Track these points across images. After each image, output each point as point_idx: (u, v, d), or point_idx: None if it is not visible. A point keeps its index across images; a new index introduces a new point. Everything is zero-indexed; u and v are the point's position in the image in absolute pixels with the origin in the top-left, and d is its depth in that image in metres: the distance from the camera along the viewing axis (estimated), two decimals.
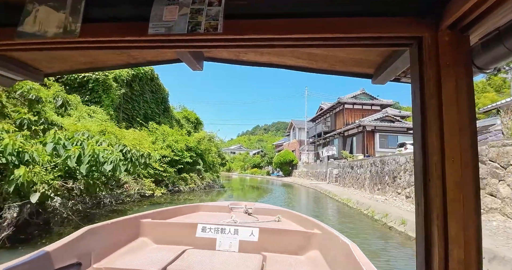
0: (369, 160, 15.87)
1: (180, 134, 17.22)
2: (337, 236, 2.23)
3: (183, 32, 0.91)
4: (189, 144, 17.17)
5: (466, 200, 0.77)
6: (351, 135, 28.16)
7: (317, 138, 34.32)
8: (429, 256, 0.80)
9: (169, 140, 15.27)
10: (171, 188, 14.44)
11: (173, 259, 2.19)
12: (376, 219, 8.76)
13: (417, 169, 0.86)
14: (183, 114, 24.06)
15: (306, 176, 31.95)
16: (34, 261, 1.60)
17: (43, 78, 1.47)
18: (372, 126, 25.86)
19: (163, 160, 13.87)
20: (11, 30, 0.96)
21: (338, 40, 0.94)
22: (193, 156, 17.03)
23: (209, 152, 18.78)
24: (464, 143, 0.79)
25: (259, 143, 76.01)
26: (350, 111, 30.20)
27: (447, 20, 0.81)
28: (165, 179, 14.18)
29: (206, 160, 19.27)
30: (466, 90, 0.81)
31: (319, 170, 28.56)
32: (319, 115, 36.09)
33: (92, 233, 2.11)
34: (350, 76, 1.39)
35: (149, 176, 12.75)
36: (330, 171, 23.59)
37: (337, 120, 31.88)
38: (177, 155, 15.39)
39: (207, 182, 17.86)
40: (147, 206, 10.23)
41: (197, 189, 16.67)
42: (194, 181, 16.28)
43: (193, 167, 17.17)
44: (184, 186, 15.27)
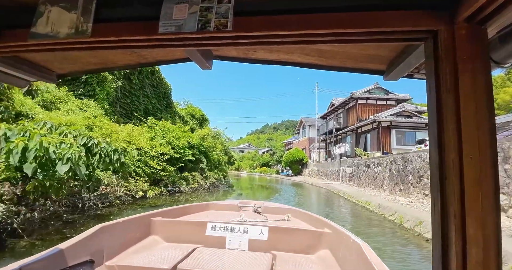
0: (388, 157, 14.21)
1: (182, 130, 15.97)
2: (348, 235, 2.16)
3: (193, 30, 0.89)
4: (192, 141, 15.90)
5: (484, 199, 0.72)
6: (365, 132, 26.39)
7: (328, 135, 32.59)
8: (446, 256, 0.77)
9: (169, 136, 14.02)
10: (171, 188, 13.18)
11: (184, 257, 2.18)
12: (406, 228, 7.22)
13: (433, 167, 0.82)
14: (188, 111, 22.86)
15: (317, 175, 30.33)
16: (49, 258, 1.62)
17: (56, 79, 1.46)
18: (388, 122, 24.03)
19: (161, 158, 12.62)
20: (24, 32, 0.97)
21: (350, 35, 0.89)
22: (196, 154, 15.76)
23: (213, 149, 17.44)
24: (483, 139, 0.74)
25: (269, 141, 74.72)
26: (364, 107, 28.39)
27: (463, 13, 0.76)
28: (164, 178, 12.93)
29: (210, 158, 17.98)
30: (484, 85, 0.76)
31: (330, 168, 26.92)
32: (330, 112, 34.34)
33: (104, 231, 2.11)
34: (361, 73, 1.34)
35: (144, 175, 11.50)
36: (343, 169, 21.94)
37: (349, 117, 30.10)
38: (178, 152, 14.13)
39: (212, 181, 16.54)
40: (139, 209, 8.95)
41: (200, 189, 15.38)
42: (196, 180, 14.99)
43: (196, 166, 15.90)
44: (186, 185, 13.99)
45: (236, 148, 73.24)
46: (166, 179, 13.00)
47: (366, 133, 26.30)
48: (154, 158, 12.33)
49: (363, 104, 28.49)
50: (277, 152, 48.43)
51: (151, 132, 13.66)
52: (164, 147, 13.30)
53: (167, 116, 17.83)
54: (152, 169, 11.99)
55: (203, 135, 16.73)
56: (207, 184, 15.94)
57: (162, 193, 12.48)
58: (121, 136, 10.55)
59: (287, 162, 36.93)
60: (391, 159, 13.58)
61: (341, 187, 17.86)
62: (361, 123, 26.16)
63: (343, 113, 31.57)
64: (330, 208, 11.80)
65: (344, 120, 30.99)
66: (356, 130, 27.83)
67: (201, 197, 13.58)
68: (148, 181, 12.13)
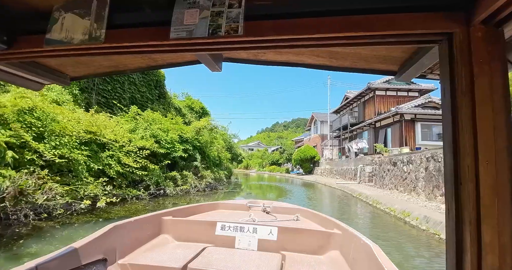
0: (423, 153, 11.22)
1: (174, 122, 13.46)
2: (358, 236, 2.12)
3: (204, 36, 0.89)
4: (185, 135, 13.36)
5: (501, 205, 0.70)
6: (385, 126, 23.24)
7: (342, 131, 29.51)
8: (460, 263, 0.75)
9: (154, 128, 11.50)
10: (154, 191, 10.65)
11: (194, 256, 2.17)
12: None
13: (448, 172, 0.81)
14: (186, 103, 20.38)
15: (330, 174, 27.35)
16: (64, 257, 1.63)
17: (70, 82, 1.47)
18: (412, 115, 20.84)
19: (140, 153, 10.10)
20: (39, 38, 0.98)
21: (361, 38, 0.87)
22: (189, 150, 13.21)
23: (212, 145, 14.84)
24: (500, 144, 0.72)
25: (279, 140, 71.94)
26: (382, 99, 25.20)
27: (480, 15, 0.74)
28: (146, 178, 10.42)
29: (208, 155, 15.40)
30: (501, 88, 0.74)
31: (345, 167, 23.91)
32: (344, 106, 31.20)
33: (117, 230, 2.12)
34: (373, 74, 1.33)
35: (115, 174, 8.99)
36: (362, 168, 18.95)
37: (366, 110, 26.93)
38: (165, 147, 11.60)
39: (208, 181, 13.94)
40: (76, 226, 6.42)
41: (194, 191, 12.82)
42: (187, 180, 12.42)
43: (189, 164, 13.36)
44: (173, 187, 11.43)
45: (245, 146, 70.92)
46: (148, 179, 10.48)
47: (386, 128, 23.15)
48: (130, 154, 9.83)
49: (381, 96, 25.29)
50: (287, 149, 45.54)
51: (132, 124, 11.17)
52: (147, 140, 10.79)
53: (159, 107, 15.39)
54: (128, 168, 9.48)
55: (199, 127, 14.15)
56: (202, 185, 13.34)
57: (140, 197, 9.94)
58: (80, 126, 8.08)
59: (298, 160, 34.03)
60: (427, 155, 10.60)
61: (360, 189, 14.93)
62: (380, 117, 23.03)
63: (358, 107, 28.41)
64: (353, 219, 8.69)
65: (360, 114, 27.83)
66: (374, 124, 24.69)
67: (190, 202, 10.98)
68: (124, 182, 9.64)
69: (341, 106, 31.74)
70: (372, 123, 24.59)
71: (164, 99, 16.44)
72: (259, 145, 71.60)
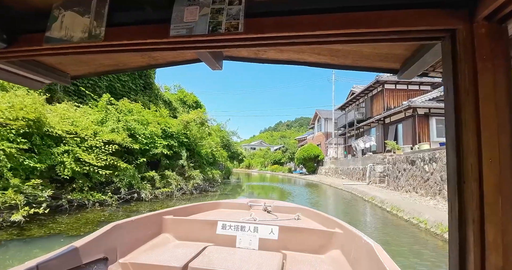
0: None
1: (157, 115, 11.55)
2: (360, 236, 2.07)
3: (204, 33, 0.87)
4: (170, 129, 11.43)
5: (505, 204, 0.69)
6: (395, 122, 21.12)
7: (348, 128, 27.38)
8: (464, 263, 0.73)
9: (129, 120, 9.57)
10: (125, 195, 8.72)
11: (195, 255, 2.14)
12: None
13: (451, 170, 0.79)
14: (178, 96, 18.47)
15: (335, 174, 25.28)
16: (65, 256, 1.60)
17: (70, 80, 1.46)
18: (425, 109, 18.70)
19: (105, 149, 8.19)
20: (39, 36, 0.96)
21: (363, 35, 0.85)
22: (174, 146, 11.28)
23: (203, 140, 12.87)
24: (503, 142, 0.70)
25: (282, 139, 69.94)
26: (392, 93, 23.08)
27: (483, 11, 0.72)
28: (115, 179, 8.50)
29: (198, 152, 13.46)
30: (505, 85, 0.72)
31: (352, 166, 21.85)
32: (349, 101, 29.06)
33: (118, 229, 2.10)
34: (375, 72, 1.30)
35: (76, 175, 7.08)
36: (371, 167, 16.87)
37: (374, 105, 24.81)
38: (142, 142, 9.68)
39: (197, 183, 11.98)
40: None
41: (179, 194, 10.88)
42: (169, 182, 10.47)
43: (175, 162, 11.44)
44: (151, 190, 9.49)
45: (247, 145, 69.03)
46: (119, 180, 8.56)
47: (396, 124, 21.02)
48: (93, 149, 7.93)
49: (391, 89, 23.16)
50: (290, 148, 43.46)
51: (101, 114, 9.26)
52: (118, 134, 8.87)
53: (143, 99, 13.49)
54: (88, 166, 7.57)
55: (187, 121, 12.20)
56: (189, 187, 11.39)
57: (106, 202, 8.02)
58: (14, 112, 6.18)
59: (301, 159, 31.94)
60: None
61: (372, 191, 12.87)
62: (390, 112, 20.91)
63: (366, 102, 26.27)
64: (372, 234, 6.33)
65: (368, 109, 25.70)
66: (383, 120, 22.56)
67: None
68: (87, 184, 7.73)
69: (346, 102, 29.60)
70: (381, 119, 22.47)
71: (150, 90, 14.53)
72: (262, 144, 69.54)
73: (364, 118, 25.67)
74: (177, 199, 10.14)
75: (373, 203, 10.59)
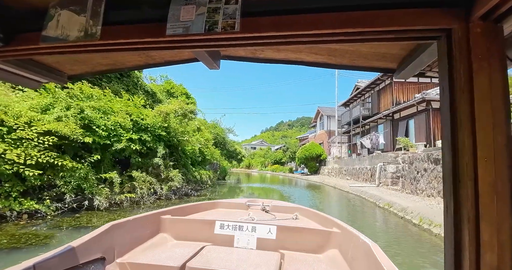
0: None
1: (128, 104, 9.46)
2: (357, 235, 2.05)
3: (200, 32, 0.86)
4: (144, 121, 9.34)
5: (500, 203, 0.68)
6: (406, 117, 18.92)
7: (353, 125, 25.16)
8: (459, 261, 0.73)
9: (84, 107, 7.47)
10: (71, 202, 6.62)
11: (193, 255, 2.12)
12: None
13: (446, 170, 0.79)
14: (164, 87, 16.38)
15: (339, 174, 23.09)
16: (62, 256, 1.58)
17: (67, 80, 1.44)
18: None
19: (41, 141, 6.10)
20: (36, 35, 0.95)
21: (360, 35, 0.84)
22: (148, 141, 9.18)
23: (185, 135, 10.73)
24: (499, 141, 0.70)
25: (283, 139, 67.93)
26: (401, 86, 20.84)
27: (479, 11, 0.71)
28: (59, 182, 6.42)
29: (183, 150, 11.36)
30: (500, 85, 0.72)
31: (358, 166, 19.67)
32: (354, 97, 26.84)
33: (115, 229, 2.06)
34: (372, 71, 1.29)
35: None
36: (381, 167, 14.67)
37: (381, 100, 22.60)
38: (100, 135, 7.59)
39: (175, 186, 9.83)
40: None
41: (151, 200, 8.76)
42: (134, 185, 8.33)
43: (149, 161, 9.34)
44: (109, 195, 7.38)
45: (248, 145, 67.00)
46: (63, 184, 6.47)
47: (407, 119, 18.81)
48: (22, 142, 5.84)
49: (400, 82, 20.90)
50: (291, 147, 41.25)
51: (46, 99, 7.17)
52: (66, 123, 6.78)
53: (118, 87, 11.41)
54: (12, 165, 5.48)
55: (167, 112, 10.10)
56: (164, 191, 9.25)
57: (40, 212, 5.92)
58: None
59: (302, 158, 29.75)
60: None
61: (385, 195, 10.70)
62: (400, 106, 18.70)
63: (372, 97, 24.06)
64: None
65: (374, 105, 23.49)
66: (392, 116, 20.38)
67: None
68: (17, 189, 5.66)
69: (351, 97, 27.37)
70: (390, 114, 20.28)
71: (128, 78, 12.45)
72: (262, 144, 67.31)
73: (371, 114, 23.48)
74: (146, 207, 8.02)
75: (392, 211, 8.41)
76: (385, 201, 9.56)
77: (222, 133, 21.51)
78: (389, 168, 13.85)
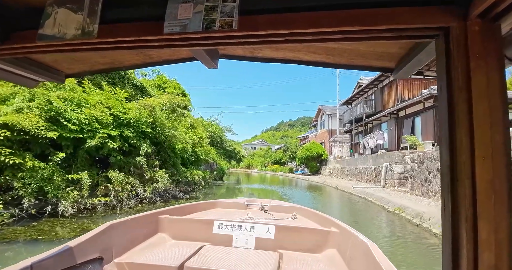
0: None
1: (109, 96, 8.45)
2: (356, 234, 2.03)
3: (198, 30, 0.84)
4: (126, 115, 8.33)
5: (497, 201, 0.68)
6: (412, 114, 17.85)
7: (355, 124, 24.10)
8: (457, 260, 0.72)
9: (52, 97, 6.46)
10: (28, 207, 5.60)
11: (191, 255, 2.10)
12: None
13: (444, 168, 0.78)
14: (156, 82, 15.37)
15: (341, 174, 22.04)
16: (59, 255, 1.56)
17: (64, 79, 1.40)
18: None
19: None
20: (32, 33, 0.94)
21: (358, 33, 0.83)
22: (131, 137, 8.17)
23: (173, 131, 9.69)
24: (496, 140, 0.69)
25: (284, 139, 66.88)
26: (407, 82, 19.75)
27: (477, 9, 0.71)
28: (16, 183, 5.40)
29: (173, 148, 10.34)
30: (498, 83, 0.71)
31: (361, 166, 18.64)
32: (357, 94, 25.78)
33: (113, 229, 2.04)
34: (370, 71, 1.26)
35: None
36: (388, 167, 13.62)
37: (385, 97, 21.54)
38: (70, 129, 6.57)
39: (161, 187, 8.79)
40: None
41: (131, 204, 7.73)
42: (112, 187, 7.30)
43: (132, 160, 8.33)
44: (78, 200, 6.35)
45: (248, 144, 65.99)
46: (21, 186, 5.45)
47: (413, 117, 17.74)
48: None
49: (405, 78, 19.85)
50: (291, 147, 40.19)
51: (7, 88, 6.16)
52: (26, 116, 5.76)
53: (102, 79, 10.40)
54: None
55: (152, 105, 9.08)
56: (147, 193, 8.21)
57: None
58: None
59: (302, 158, 28.69)
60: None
61: (393, 197, 9.65)
62: (406, 103, 17.64)
63: (375, 94, 22.99)
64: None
65: (378, 102, 22.43)
66: (397, 113, 19.32)
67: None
68: None
69: (353, 95, 26.31)
70: (394, 112, 19.21)
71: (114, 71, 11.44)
72: (262, 143, 66.22)
73: (374, 112, 22.42)
74: (123, 213, 6.99)
75: (404, 217, 7.35)
76: (395, 204, 8.51)
77: (219, 132, 20.47)
78: (396, 168, 12.79)
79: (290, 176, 31.60)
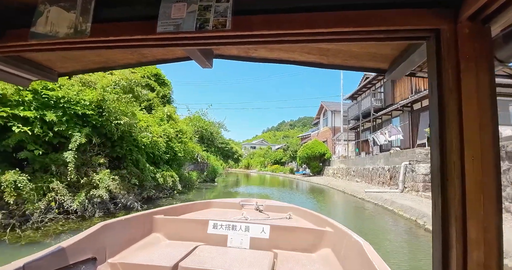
0: None
1: None
2: (350, 234, 2.04)
3: (191, 30, 0.83)
4: (54, 92, 5.76)
5: (486, 201, 0.68)
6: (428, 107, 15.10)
7: (362, 119, 21.40)
8: (446, 259, 0.73)
9: None
10: None
11: (185, 255, 2.08)
12: None
13: (434, 168, 0.79)
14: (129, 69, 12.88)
15: (347, 176, 19.38)
16: (52, 256, 1.54)
17: (57, 78, 1.39)
18: None
19: None
20: (25, 32, 0.92)
21: (352, 34, 0.83)
22: (56, 123, 5.58)
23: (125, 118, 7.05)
24: (485, 140, 0.70)
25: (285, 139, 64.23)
26: None
27: (467, 11, 0.72)
28: None
29: (132, 141, 7.74)
30: (487, 85, 0.71)
31: (370, 166, 15.99)
32: (363, 88, 23.10)
33: (107, 229, 2.02)
34: (364, 71, 1.21)
35: None
36: (408, 167, 10.94)
37: (397, 89, 18.90)
38: None
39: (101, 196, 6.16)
40: None
41: (46, 220, 5.15)
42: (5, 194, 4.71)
43: (60, 156, 5.74)
44: None
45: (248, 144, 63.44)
46: None
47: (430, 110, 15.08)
48: None
49: None
50: (291, 146, 37.48)
51: None
52: None
53: None
54: None
55: (103, 86, 6.49)
56: (75, 204, 5.62)
57: None
58: None
59: (304, 157, 26.01)
60: None
61: (424, 207, 6.99)
62: (422, 95, 15.02)
63: (385, 86, 20.32)
64: None
65: (388, 95, 19.76)
66: (411, 106, 16.66)
67: None
68: None
69: (359, 88, 23.62)
70: (408, 105, 16.56)
71: None
72: (262, 143, 63.52)
73: (383, 106, 19.73)
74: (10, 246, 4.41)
75: None
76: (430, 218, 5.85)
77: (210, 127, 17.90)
78: (420, 168, 10.12)
79: (291, 177, 28.90)
